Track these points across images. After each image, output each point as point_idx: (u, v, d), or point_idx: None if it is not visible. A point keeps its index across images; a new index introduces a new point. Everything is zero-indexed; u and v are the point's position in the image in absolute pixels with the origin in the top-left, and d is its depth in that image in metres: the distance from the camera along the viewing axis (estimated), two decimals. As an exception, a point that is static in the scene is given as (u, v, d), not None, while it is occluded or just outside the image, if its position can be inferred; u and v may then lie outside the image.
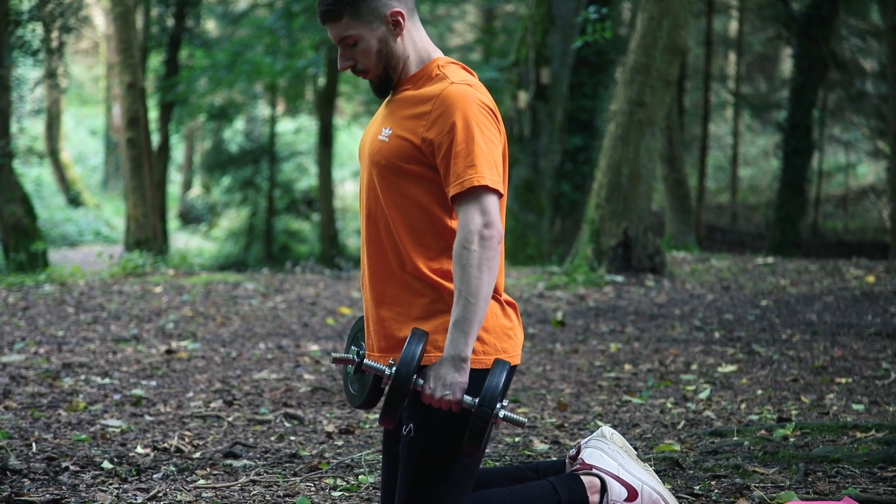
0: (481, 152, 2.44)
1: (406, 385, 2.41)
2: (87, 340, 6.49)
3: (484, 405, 2.39)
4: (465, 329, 2.41)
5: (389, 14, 2.53)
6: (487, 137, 2.46)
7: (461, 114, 2.45)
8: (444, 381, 2.41)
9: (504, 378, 2.42)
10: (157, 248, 13.52)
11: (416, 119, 2.50)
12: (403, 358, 2.41)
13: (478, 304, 2.40)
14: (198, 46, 18.39)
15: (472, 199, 2.43)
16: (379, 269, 2.57)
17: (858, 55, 19.34)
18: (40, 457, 3.65)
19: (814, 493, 3.10)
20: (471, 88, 2.49)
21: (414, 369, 2.40)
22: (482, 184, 2.42)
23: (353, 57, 2.56)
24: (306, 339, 6.63)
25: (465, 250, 2.41)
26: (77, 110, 31.02)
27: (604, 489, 2.68)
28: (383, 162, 2.53)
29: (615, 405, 4.72)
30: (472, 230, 2.41)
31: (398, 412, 2.45)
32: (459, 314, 2.41)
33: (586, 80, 13.23)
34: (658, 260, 9.00)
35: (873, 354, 5.63)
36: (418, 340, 2.43)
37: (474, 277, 2.40)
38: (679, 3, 8.72)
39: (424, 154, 2.49)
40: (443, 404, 2.43)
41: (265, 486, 3.33)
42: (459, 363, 2.41)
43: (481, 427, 2.40)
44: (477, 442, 2.41)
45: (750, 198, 23.16)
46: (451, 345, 2.42)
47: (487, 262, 2.41)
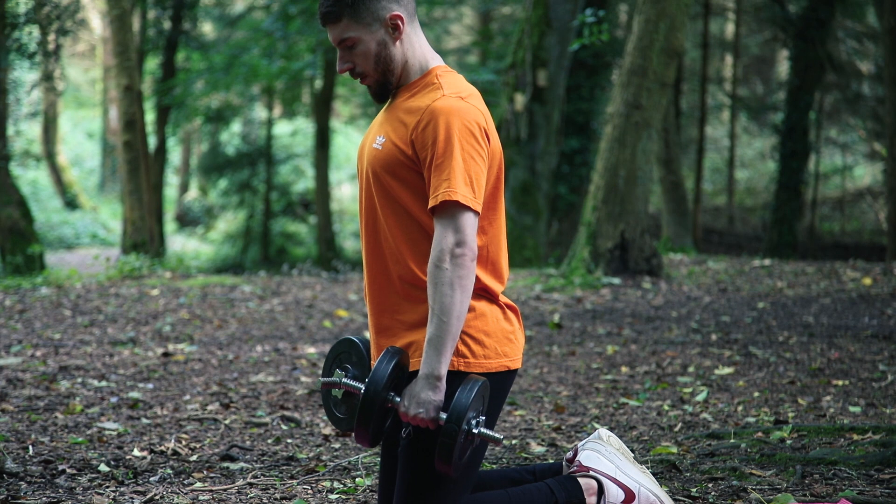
0: (458, 167, 2.43)
1: (373, 403, 2.43)
2: (84, 343, 6.48)
3: (451, 421, 2.40)
4: (439, 348, 2.41)
5: (389, 17, 2.53)
6: (468, 153, 2.45)
7: (444, 128, 2.44)
8: (417, 399, 2.42)
9: (473, 394, 2.42)
10: (153, 250, 13.51)
11: (406, 128, 2.50)
12: (371, 377, 2.43)
13: (450, 322, 2.41)
14: (194, 49, 18.38)
15: (447, 217, 2.43)
16: (378, 276, 2.58)
17: (855, 57, 19.37)
18: (37, 460, 3.64)
19: (811, 495, 3.10)
20: (461, 102, 2.48)
21: (383, 388, 2.42)
22: (453, 199, 2.41)
23: (352, 59, 2.56)
24: (303, 341, 6.63)
25: (438, 269, 2.42)
26: (74, 113, 31.01)
27: (601, 491, 2.68)
28: (377, 170, 2.54)
29: (612, 407, 4.72)
30: (444, 249, 2.42)
31: (369, 429, 2.46)
32: (433, 333, 2.41)
33: (583, 82, 13.24)
34: (655, 262, 9.01)
35: (870, 356, 5.64)
36: (389, 359, 2.44)
37: (446, 296, 2.40)
38: (675, 6, 8.74)
39: (413, 161, 2.49)
40: (418, 422, 2.44)
41: (262, 488, 3.32)
42: (434, 381, 2.42)
43: (448, 443, 2.40)
44: (445, 458, 2.41)
45: (747, 200, 23.18)
46: (426, 363, 2.42)
47: (459, 281, 2.41)
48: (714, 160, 24.73)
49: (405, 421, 2.47)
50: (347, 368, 2.63)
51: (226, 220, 24.31)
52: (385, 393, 2.44)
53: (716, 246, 18.04)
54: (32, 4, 13.64)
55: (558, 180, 12.88)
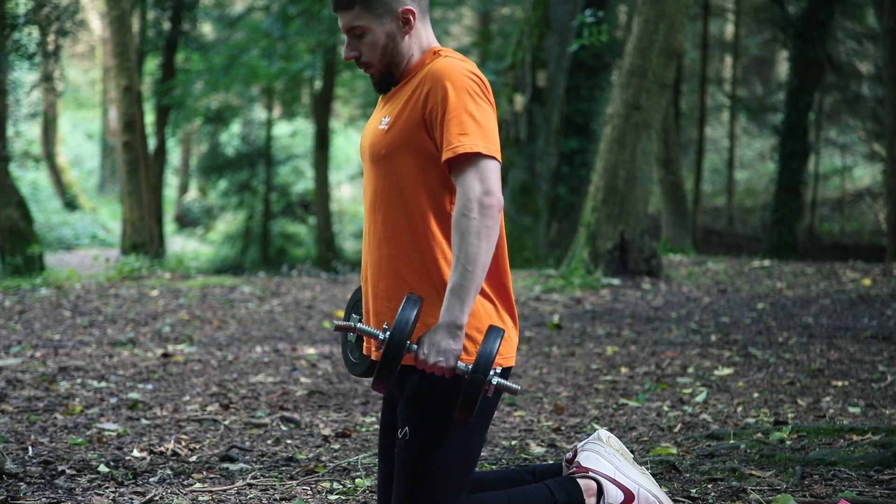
0: (472, 119, 2.43)
1: (400, 349, 2.37)
2: (84, 344, 6.48)
3: (478, 371, 2.36)
4: (462, 296, 2.38)
5: (401, 11, 2.54)
6: (479, 105, 2.45)
7: (451, 82, 2.44)
8: (438, 347, 2.39)
9: (497, 344, 2.39)
10: (153, 251, 13.51)
11: (413, 96, 2.50)
12: (397, 322, 2.38)
13: (475, 272, 2.38)
14: (194, 50, 18.39)
15: (470, 166, 2.41)
16: (382, 262, 2.56)
17: (854, 58, 19.38)
18: (37, 460, 3.64)
19: (810, 496, 3.10)
20: (462, 62, 2.50)
21: (408, 334, 2.37)
22: (474, 150, 2.40)
23: (359, 48, 2.56)
24: (303, 342, 6.63)
25: (465, 217, 2.39)
26: (73, 114, 31.01)
27: (600, 492, 2.68)
28: (384, 151, 2.53)
29: (612, 408, 4.72)
30: (470, 198, 2.39)
31: (391, 377, 2.41)
32: (456, 281, 2.38)
33: (583, 83, 13.25)
34: (654, 263, 9.01)
35: (870, 357, 5.64)
36: (413, 305, 2.40)
37: (473, 245, 2.38)
38: (675, 7, 8.74)
39: (426, 129, 2.48)
40: (436, 370, 2.41)
41: (262, 489, 3.32)
42: (454, 330, 2.39)
43: (474, 393, 2.37)
44: (469, 408, 2.39)
45: (746, 201, 23.19)
46: (447, 311, 2.39)
47: (486, 231, 2.39)
48: (714, 161, 24.73)
49: (421, 368, 2.43)
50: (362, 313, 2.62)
51: (225, 220, 24.30)
52: (409, 338, 2.38)
53: (715, 247, 18.04)
54: (32, 5, 13.64)
55: (558, 181, 12.89)
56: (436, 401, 2.48)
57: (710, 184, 24.12)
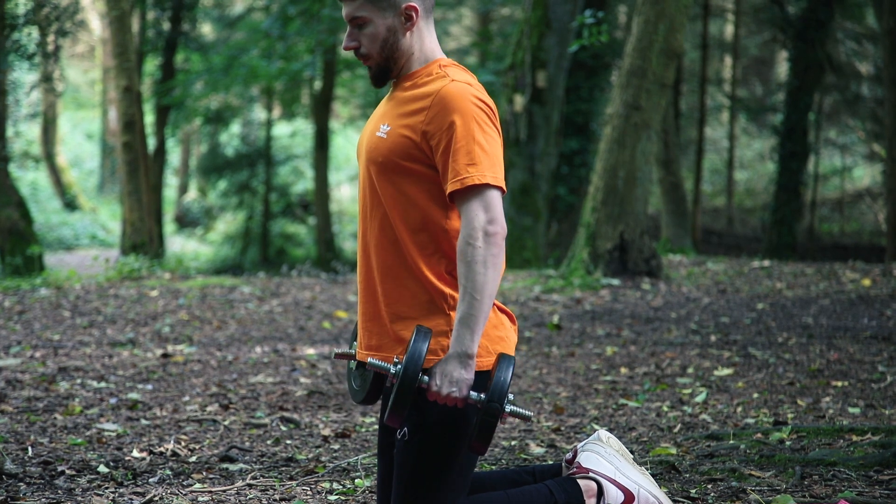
0: (481, 150, 2.43)
1: (413, 383, 2.39)
2: (83, 344, 6.48)
3: (493, 400, 2.38)
4: (471, 325, 2.40)
5: (405, 7, 2.54)
6: (487, 134, 2.46)
7: (459, 111, 2.44)
8: (450, 377, 2.40)
9: (510, 372, 2.41)
10: (153, 251, 13.50)
11: (415, 115, 2.49)
12: (410, 356, 2.39)
13: (483, 300, 2.40)
14: (194, 50, 18.39)
15: (475, 196, 2.42)
16: (378, 267, 2.56)
17: (854, 58, 19.38)
18: (36, 461, 3.64)
19: (810, 496, 3.10)
20: (469, 87, 2.49)
21: (420, 366, 2.39)
22: (483, 182, 2.41)
23: (359, 39, 2.56)
24: (302, 342, 6.63)
25: (470, 247, 2.40)
26: (73, 114, 31.00)
27: (600, 493, 2.68)
28: (380, 159, 2.52)
29: (611, 408, 4.72)
30: (476, 227, 2.41)
31: (405, 410, 2.43)
32: (465, 311, 2.40)
33: (582, 83, 13.24)
34: (654, 263, 9.01)
35: (869, 358, 5.64)
36: (423, 338, 2.41)
37: (479, 274, 2.39)
38: (675, 7, 8.74)
39: (423, 151, 2.48)
40: (449, 401, 2.42)
41: (261, 489, 3.32)
42: (466, 360, 2.40)
43: (491, 423, 2.38)
44: (486, 438, 2.40)
45: (746, 201, 23.19)
46: (457, 341, 2.41)
47: (493, 259, 2.40)
48: (713, 161, 24.74)
49: (433, 399, 2.44)
50: None
51: (225, 221, 24.30)
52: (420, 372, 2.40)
53: (715, 247, 18.04)
54: (32, 5, 13.64)
55: (557, 181, 12.89)
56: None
57: (710, 184, 24.12)
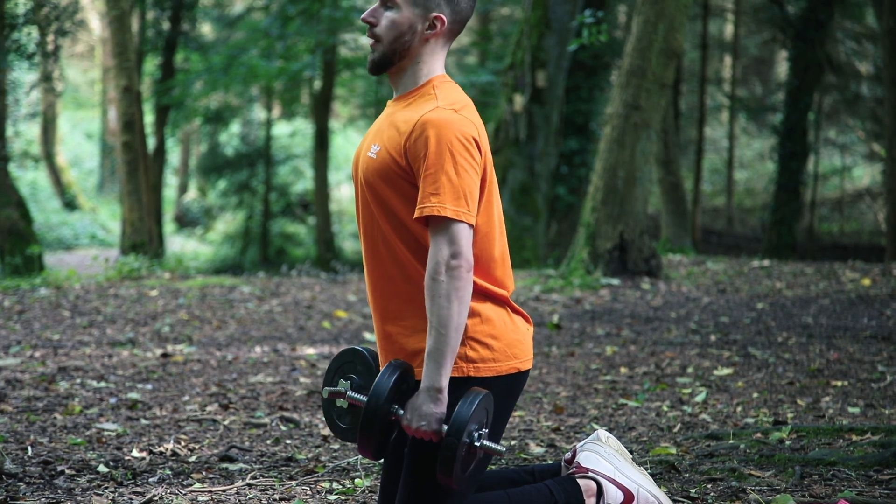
0: (448, 181, 2.42)
1: (375, 415, 2.43)
2: (83, 344, 6.48)
3: (451, 434, 2.39)
4: (439, 360, 2.41)
5: (434, 15, 2.53)
6: (460, 165, 2.43)
7: (435, 140, 2.43)
8: (419, 412, 2.43)
9: (475, 407, 2.41)
10: (152, 251, 13.50)
11: (399, 136, 2.50)
12: (373, 389, 2.44)
13: (449, 334, 2.40)
14: (193, 50, 18.39)
15: (440, 230, 2.42)
16: (381, 284, 2.57)
17: (854, 58, 19.38)
18: (36, 460, 3.64)
19: (810, 496, 3.10)
20: (454, 113, 2.47)
21: (384, 400, 2.42)
22: (442, 214, 2.40)
23: (379, 18, 2.55)
24: (302, 342, 6.63)
25: (434, 281, 2.41)
26: (73, 114, 31.00)
27: (600, 492, 2.68)
28: (371, 178, 2.53)
29: (611, 408, 4.72)
30: (439, 261, 2.41)
31: (372, 442, 2.47)
32: (432, 345, 2.41)
33: (582, 83, 13.24)
34: (654, 263, 9.01)
35: (869, 357, 5.64)
36: (392, 371, 2.45)
37: (444, 308, 2.40)
38: (675, 7, 8.74)
39: (407, 172, 2.48)
40: (421, 435, 2.44)
41: (261, 489, 3.32)
42: (435, 394, 2.42)
43: (448, 456, 2.40)
44: (446, 471, 2.41)
45: (746, 201, 23.19)
46: (426, 377, 2.43)
47: (456, 293, 2.41)
48: (713, 161, 24.74)
49: (409, 433, 2.47)
50: (353, 378, 2.62)
51: (225, 220, 24.30)
52: (388, 406, 2.44)
53: (715, 247, 18.05)
54: (31, 5, 13.64)
55: (557, 181, 12.89)
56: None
57: (710, 184, 24.12)
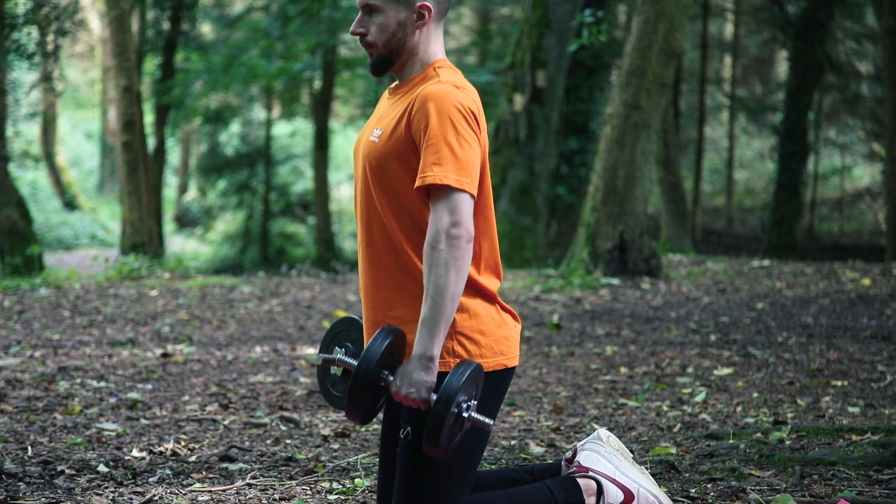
0: (450, 151, 2.43)
1: (365, 379, 2.42)
2: (83, 344, 6.48)
3: (440, 403, 2.39)
4: (432, 328, 2.41)
5: (419, 5, 2.55)
6: (462, 137, 2.45)
7: (437, 110, 2.44)
8: (409, 379, 2.42)
9: (465, 377, 2.41)
10: (152, 251, 13.51)
11: (404, 116, 2.51)
12: (365, 353, 2.43)
13: (444, 303, 2.40)
14: (193, 50, 18.39)
15: (441, 198, 2.43)
16: (374, 272, 2.57)
17: (854, 58, 19.38)
18: (36, 460, 3.64)
19: (810, 495, 3.10)
20: (455, 88, 2.49)
21: (375, 364, 2.41)
22: (444, 182, 2.41)
23: (367, 26, 2.57)
24: (302, 342, 6.63)
25: (433, 249, 2.41)
26: (73, 114, 31.00)
27: (600, 492, 2.68)
28: (374, 162, 2.53)
29: (611, 408, 4.73)
30: (439, 229, 2.41)
31: (360, 406, 2.46)
32: (427, 313, 2.41)
33: (582, 83, 13.25)
34: (654, 263, 9.01)
35: (869, 357, 5.64)
36: (384, 336, 2.44)
37: (441, 276, 2.40)
38: (675, 7, 8.74)
39: (413, 150, 2.49)
40: (409, 402, 2.43)
41: (261, 489, 3.33)
42: (426, 362, 2.41)
43: (436, 425, 2.39)
44: (433, 440, 2.41)
45: (746, 201, 23.20)
46: (419, 343, 2.42)
47: (455, 262, 2.40)
48: (713, 161, 24.74)
49: (397, 400, 2.46)
50: (347, 346, 2.63)
51: (225, 220, 24.30)
52: (378, 370, 2.43)
53: (715, 247, 18.05)
54: (31, 5, 13.64)
55: (557, 181, 12.89)
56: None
57: (710, 184, 24.12)
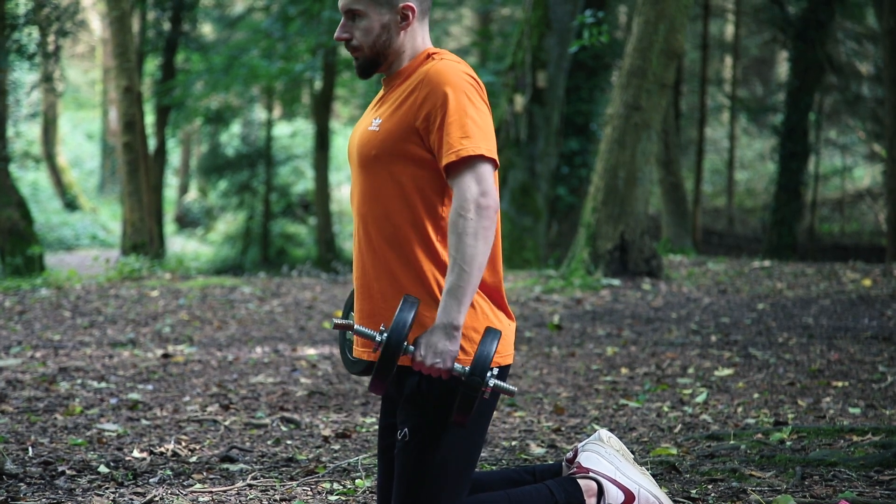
0: (473, 123, 2.44)
1: (397, 351, 2.38)
2: (84, 344, 6.49)
3: (475, 374, 2.37)
4: (459, 297, 2.39)
5: (401, 6, 2.55)
6: (478, 108, 2.47)
7: (451, 85, 2.45)
8: (434, 348, 2.39)
9: (495, 346, 2.39)
10: (153, 251, 13.52)
11: (408, 99, 2.50)
12: (395, 324, 2.38)
13: (472, 272, 2.38)
14: (194, 50, 18.40)
15: (468, 168, 2.42)
16: (372, 265, 2.56)
17: (854, 59, 19.39)
18: (37, 461, 3.65)
19: (810, 496, 3.10)
20: (458, 63, 2.52)
21: (405, 335, 2.38)
22: (478, 153, 2.41)
23: (352, 31, 2.57)
24: (303, 342, 6.63)
25: (462, 218, 2.39)
26: (73, 114, 31.02)
27: (600, 492, 2.68)
28: (374, 152, 2.53)
29: (612, 409, 4.73)
30: (468, 198, 2.40)
31: (388, 378, 2.42)
32: (454, 282, 2.39)
33: (583, 83, 13.25)
34: (654, 263, 9.01)
35: (870, 358, 5.64)
36: (410, 307, 2.40)
37: (469, 246, 2.38)
38: (675, 7, 8.74)
39: (419, 134, 2.48)
40: (433, 372, 2.41)
41: (262, 490, 3.33)
42: (451, 331, 2.39)
43: (471, 396, 2.38)
44: (466, 409, 2.39)
45: (746, 201, 23.20)
46: (444, 312, 2.39)
47: (483, 231, 2.39)
48: (714, 161, 24.74)
49: (418, 370, 2.43)
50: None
51: (225, 221, 24.32)
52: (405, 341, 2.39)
53: (715, 247, 18.05)
54: (32, 6, 13.65)
55: (558, 182, 12.90)
56: (435, 402, 2.49)
57: (711, 184, 24.13)
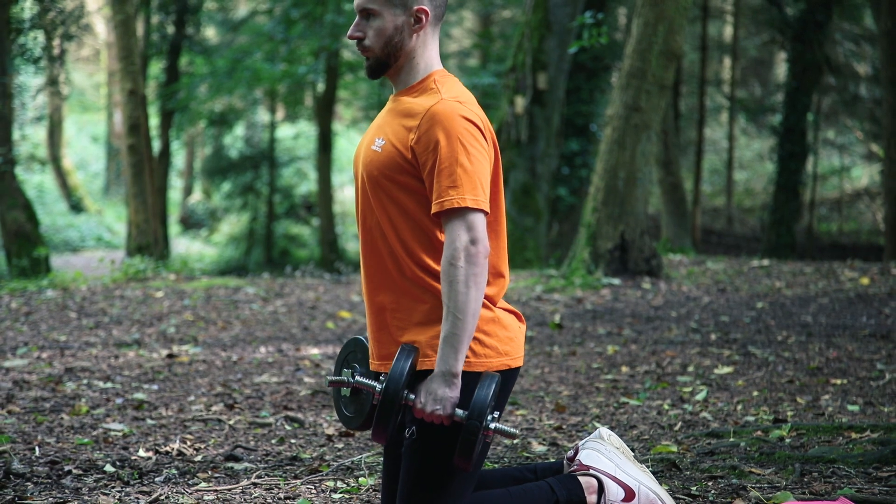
0: (464, 172, 2.45)
1: (395, 401, 2.44)
2: (90, 345, 6.52)
3: (473, 418, 2.42)
4: (455, 345, 2.43)
5: (416, 8, 2.56)
6: (472, 155, 2.47)
7: (445, 132, 2.46)
8: (434, 395, 2.45)
9: (492, 390, 2.44)
10: (158, 253, 13.55)
11: (406, 131, 2.52)
12: (392, 374, 2.44)
13: (466, 319, 2.43)
14: (198, 53, 18.43)
15: (458, 217, 2.45)
16: (377, 276, 2.59)
17: (852, 59, 19.39)
18: (43, 460, 3.67)
19: (810, 493, 3.12)
20: (459, 105, 2.50)
21: (403, 385, 2.44)
22: (463, 206, 2.44)
23: (365, 31, 2.59)
24: (306, 342, 6.67)
25: (452, 267, 2.43)
26: (78, 117, 31.02)
27: (601, 490, 2.71)
28: (375, 172, 2.55)
29: (612, 407, 4.76)
30: (457, 247, 2.43)
31: (388, 427, 2.48)
32: (448, 330, 2.43)
33: (583, 84, 13.28)
34: (654, 263, 9.04)
35: (868, 356, 5.67)
36: (406, 356, 2.46)
37: (461, 294, 2.42)
38: (674, 9, 8.77)
39: (413, 166, 2.51)
40: (434, 419, 2.46)
41: (266, 488, 3.35)
42: (450, 378, 2.44)
43: (471, 440, 2.43)
44: (467, 455, 2.44)
45: (745, 201, 23.20)
46: (442, 361, 2.44)
47: (474, 279, 2.43)
48: (713, 162, 24.75)
49: (420, 417, 2.49)
50: (355, 367, 2.65)
51: (229, 222, 24.33)
52: (404, 391, 2.46)
53: (715, 247, 18.07)
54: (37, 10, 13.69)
55: (558, 182, 12.92)
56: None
57: (710, 184, 24.13)
